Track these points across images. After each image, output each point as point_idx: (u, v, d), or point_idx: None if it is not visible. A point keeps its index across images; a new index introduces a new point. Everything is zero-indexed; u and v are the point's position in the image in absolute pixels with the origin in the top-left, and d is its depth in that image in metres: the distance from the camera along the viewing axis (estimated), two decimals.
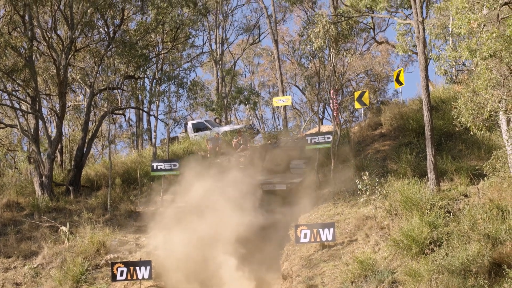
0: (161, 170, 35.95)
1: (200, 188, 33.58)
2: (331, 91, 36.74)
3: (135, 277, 28.40)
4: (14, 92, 39.16)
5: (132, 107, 48.47)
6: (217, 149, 40.65)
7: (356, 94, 37.87)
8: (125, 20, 40.87)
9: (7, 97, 38.93)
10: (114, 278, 28.53)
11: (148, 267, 28.36)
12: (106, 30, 40.13)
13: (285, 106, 52.90)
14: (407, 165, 30.68)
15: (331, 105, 37.54)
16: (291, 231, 29.28)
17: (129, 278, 28.46)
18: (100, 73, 39.78)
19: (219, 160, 39.21)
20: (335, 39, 34.44)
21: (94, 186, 38.82)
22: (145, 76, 42.93)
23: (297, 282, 26.17)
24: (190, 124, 48.01)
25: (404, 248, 24.46)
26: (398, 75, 37.90)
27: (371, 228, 27.17)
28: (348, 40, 36.89)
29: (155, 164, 36.16)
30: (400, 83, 38.03)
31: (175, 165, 35.88)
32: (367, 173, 28.95)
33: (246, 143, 41.09)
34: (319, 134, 34.62)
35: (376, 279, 23.93)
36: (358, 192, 29.03)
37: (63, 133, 44.43)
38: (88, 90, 40.03)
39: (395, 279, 23.75)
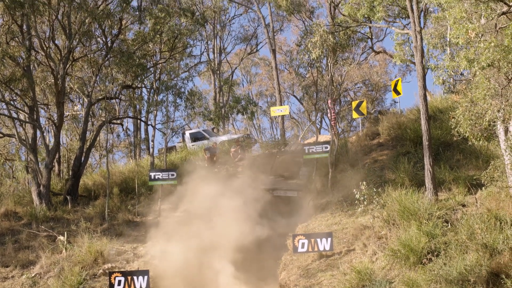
0: (158, 179, 35.96)
1: (198, 198, 33.60)
2: (329, 100, 36.77)
3: (132, 286, 28.29)
4: (12, 102, 39.09)
5: (130, 117, 48.47)
6: (214, 158, 40.63)
7: (354, 104, 37.95)
8: (123, 29, 40.86)
9: (5, 106, 38.86)
10: (111, 287, 28.48)
11: (145, 277, 28.29)
12: (104, 39, 40.11)
13: (282, 115, 52.94)
14: (404, 174, 30.70)
15: (328, 114, 37.54)
16: (289, 241, 29.27)
17: (126, 287, 28.40)
18: (98, 82, 39.78)
19: (216, 170, 39.20)
20: (332, 48, 34.51)
21: (92, 195, 38.77)
22: (142, 85, 42.98)
23: None
24: (187, 133, 47.94)
25: (402, 258, 24.45)
26: (396, 85, 37.95)
27: (369, 237, 27.17)
28: (345, 50, 36.93)
29: (152, 174, 36.17)
30: (397, 93, 38.08)
31: (172, 174, 35.88)
32: (364, 182, 28.95)
33: (244, 152, 41.09)
34: (317, 144, 34.65)
35: None
36: (356, 202, 29.02)
37: (61, 142, 44.38)
38: (86, 99, 40.00)
39: None
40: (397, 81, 38.39)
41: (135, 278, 28.28)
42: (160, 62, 41.85)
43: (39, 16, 37.71)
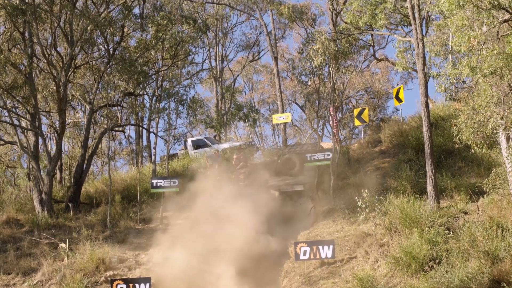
0: (160, 187, 35.94)
1: (200, 205, 33.58)
2: (331, 108, 36.77)
3: None
4: (13, 109, 39.17)
5: (131, 124, 48.53)
6: (216, 166, 40.61)
7: (356, 111, 37.96)
8: (125, 37, 40.89)
9: (7, 114, 38.93)
10: None
11: (147, 284, 28.30)
12: (106, 47, 40.14)
13: (284, 123, 52.90)
14: (406, 182, 30.67)
15: (330, 122, 37.56)
16: (291, 248, 29.23)
17: None
18: (99, 90, 39.82)
19: (218, 177, 39.16)
20: (334, 56, 34.50)
21: (93, 203, 38.78)
22: (144, 93, 42.96)
23: None
24: (189, 141, 47.93)
25: (403, 265, 24.43)
26: (397, 92, 37.96)
27: (371, 245, 27.14)
28: (347, 58, 36.89)
29: (154, 181, 36.18)
30: (399, 100, 38.08)
31: (174, 182, 35.88)
32: (366, 190, 28.94)
33: (246, 160, 41.06)
34: (318, 151, 34.62)
35: None
36: (358, 209, 29.01)
37: (63, 150, 44.40)
38: (87, 107, 40.01)
39: None
40: (399, 88, 38.40)
41: (137, 285, 28.29)
42: (162, 69, 41.86)
43: (41, 23, 37.77)
